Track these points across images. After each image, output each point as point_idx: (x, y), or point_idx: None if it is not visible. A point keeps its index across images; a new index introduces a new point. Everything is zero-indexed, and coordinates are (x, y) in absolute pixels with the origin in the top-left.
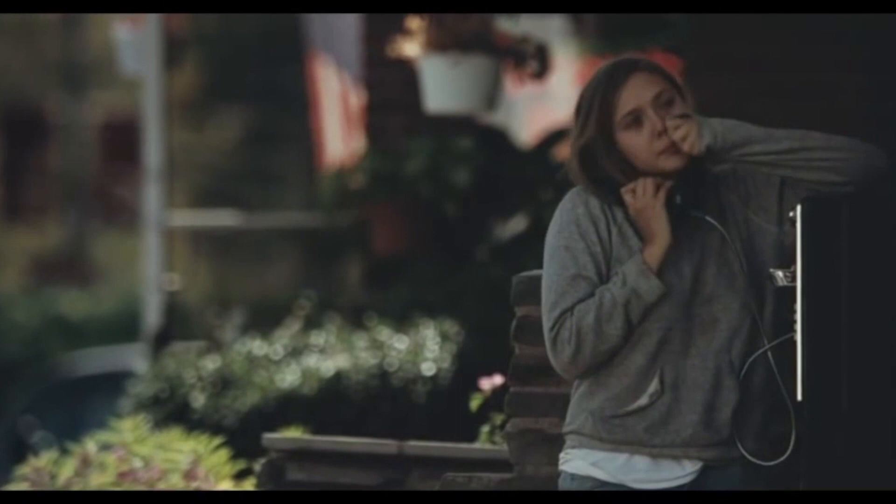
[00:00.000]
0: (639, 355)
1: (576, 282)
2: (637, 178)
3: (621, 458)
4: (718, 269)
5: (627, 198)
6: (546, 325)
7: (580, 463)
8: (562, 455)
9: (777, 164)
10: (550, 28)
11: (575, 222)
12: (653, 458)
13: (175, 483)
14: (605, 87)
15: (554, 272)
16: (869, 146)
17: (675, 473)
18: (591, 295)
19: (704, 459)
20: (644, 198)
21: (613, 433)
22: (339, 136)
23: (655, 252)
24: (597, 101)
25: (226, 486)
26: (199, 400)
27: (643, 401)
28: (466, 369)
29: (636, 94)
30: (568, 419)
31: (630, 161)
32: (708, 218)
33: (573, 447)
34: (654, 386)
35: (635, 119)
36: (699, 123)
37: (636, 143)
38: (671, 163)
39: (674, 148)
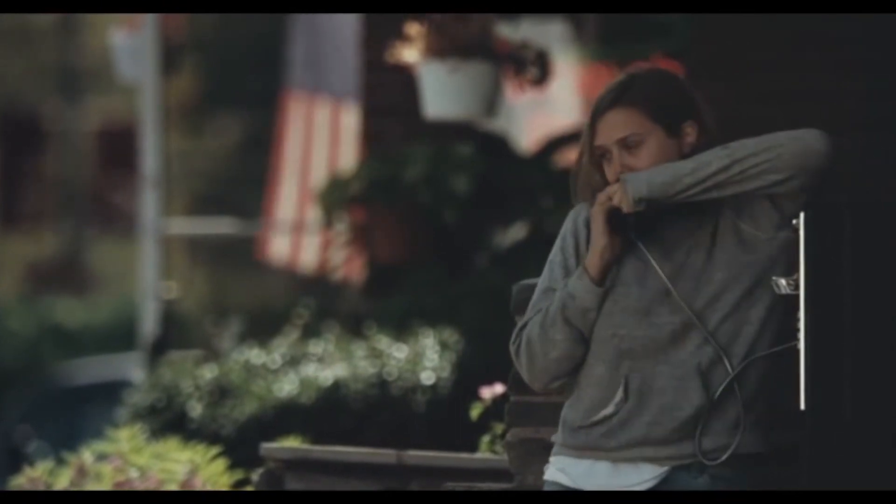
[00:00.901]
0: (600, 365)
1: (545, 295)
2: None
3: (584, 464)
4: (695, 280)
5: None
6: (511, 337)
7: (552, 469)
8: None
9: (719, 187)
10: (551, 34)
11: (562, 237)
12: (612, 463)
13: None
14: (593, 113)
15: (536, 287)
16: (797, 133)
17: (632, 480)
18: None
19: (660, 459)
20: (595, 206)
21: (577, 440)
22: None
23: (591, 254)
24: (588, 125)
25: None
26: (196, 409)
27: (608, 410)
28: (466, 378)
29: (606, 131)
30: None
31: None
32: (639, 244)
33: (552, 455)
34: (619, 395)
35: (602, 154)
36: (624, 183)
37: (607, 174)
38: None
39: None
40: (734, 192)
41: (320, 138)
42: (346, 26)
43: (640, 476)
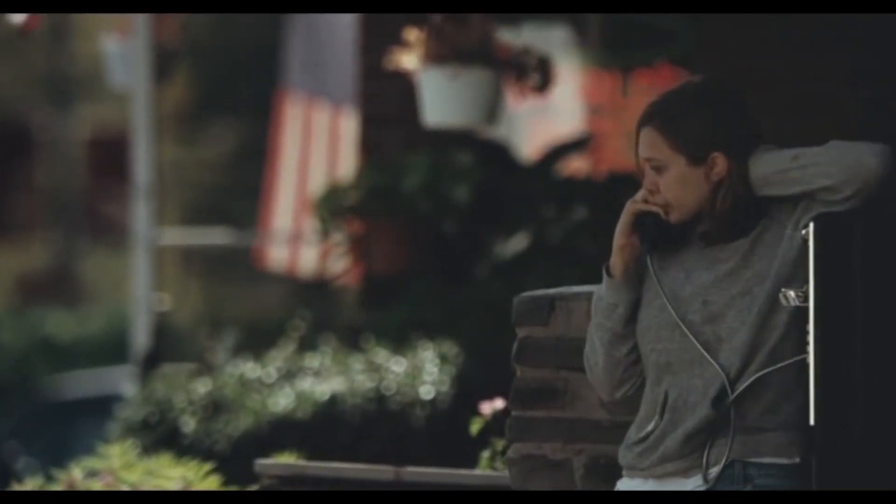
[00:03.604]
0: (648, 384)
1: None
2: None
3: (635, 483)
4: (727, 291)
5: None
6: None
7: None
8: None
9: (771, 185)
10: (552, 39)
11: None
12: (657, 480)
13: None
14: (637, 123)
15: None
16: (856, 144)
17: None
18: None
19: (683, 471)
20: (627, 205)
21: (625, 459)
22: (323, 171)
23: (613, 259)
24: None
25: None
26: (189, 424)
27: (650, 426)
28: (466, 392)
29: (640, 148)
30: None
31: None
32: (649, 265)
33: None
34: (658, 410)
35: (639, 166)
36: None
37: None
38: (669, 216)
39: (664, 206)
40: (787, 192)
41: (319, 144)
42: (344, 32)
43: (685, 488)
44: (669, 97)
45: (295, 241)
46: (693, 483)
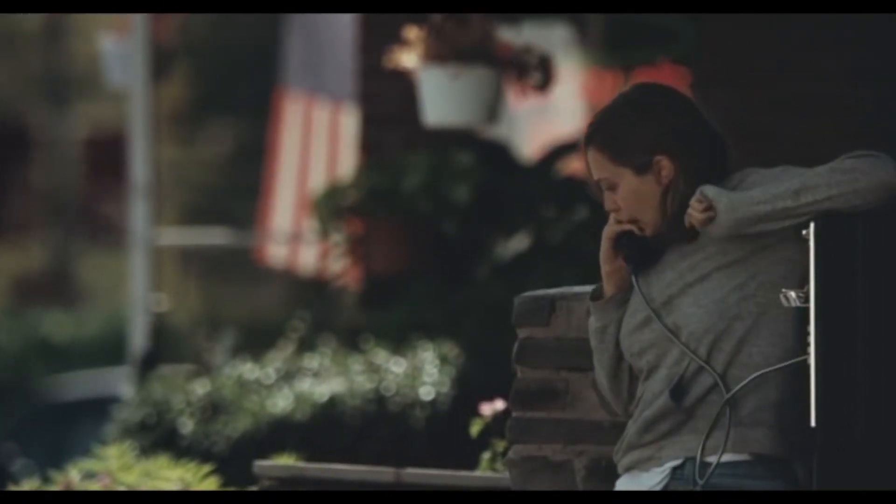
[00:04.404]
0: (640, 387)
1: None
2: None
3: (622, 480)
4: (684, 278)
5: None
6: None
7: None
8: None
9: (791, 216)
10: (554, 38)
11: None
12: (627, 473)
13: None
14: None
15: None
16: (872, 163)
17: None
18: None
19: (644, 461)
20: (605, 231)
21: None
22: (323, 169)
23: (604, 283)
24: None
25: None
26: (187, 426)
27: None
28: (466, 393)
29: (591, 172)
30: None
31: None
32: (634, 282)
33: None
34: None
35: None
36: (718, 204)
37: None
38: (642, 232)
39: (632, 223)
40: (787, 225)
41: (319, 141)
42: (343, 28)
43: (651, 480)
44: (603, 114)
45: (295, 240)
46: (649, 478)
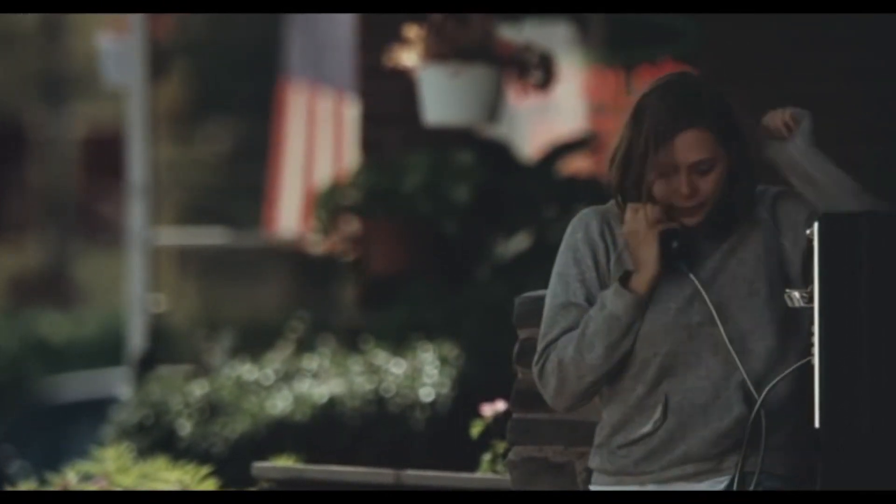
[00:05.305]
0: (640, 386)
1: (565, 310)
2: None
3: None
4: (735, 291)
5: (627, 215)
6: (535, 356)
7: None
8: None
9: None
10: (555, 36)
11: (572, 248)
12: (660, 485)
13: None
14: (662, 127)
15: (547, 302)
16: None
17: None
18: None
19: (701, 474)
20: (639, 223)
21: (616, 463)
22: (329, 160)
23: (641, 279)
24: (650, 132)
25: None
26: (185, 427)
27: (647, 428)
28: (467, 394)
29: (679, 152)
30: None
31: (653, 195)
32: (691, 276)
33: (591, 483)
34: (657, 413)
35: (671, 170)
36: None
37: (661, 190)
38: (688, 220)
39: (696, 208)
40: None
41: (324, 131)
42: (343, 24)
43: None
44: (698, 97)
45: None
46: (705, 487)
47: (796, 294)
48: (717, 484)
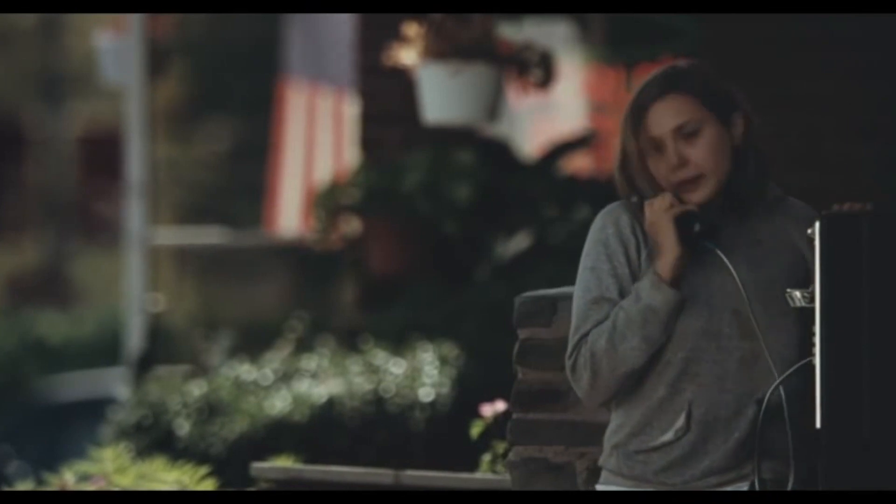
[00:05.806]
0: (662, 387)
1: (597, 305)
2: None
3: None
4: (765, 306)
5: (646, 210)
6: (567, 351)
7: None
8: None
9: None
10: (555, 35)
11: (603, 243)
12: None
13: None
14: (638, 104)
15: (579, 296)
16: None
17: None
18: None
19: (724, 483)
20: (656, 213)
21: (634, 469)
22: (329, 159)
23: (664, 263)
24: (631, 116)
25: None
26: (184, 427)
27: (668, 436)
28: (467, 395)
29: (658, 121)
30: (602, 454)
31: (659, 182)
32: (718, 251)
33: (601, 483)
34: (680, 421)
35: (656, 147)
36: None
37: (657, 169)
38: (692, 196)
39: (693, 181)
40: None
41: (324, 129)
42: (342, 23)
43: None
44: (673, 71)
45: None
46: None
47: (797, 294)
48: (739, 489)
